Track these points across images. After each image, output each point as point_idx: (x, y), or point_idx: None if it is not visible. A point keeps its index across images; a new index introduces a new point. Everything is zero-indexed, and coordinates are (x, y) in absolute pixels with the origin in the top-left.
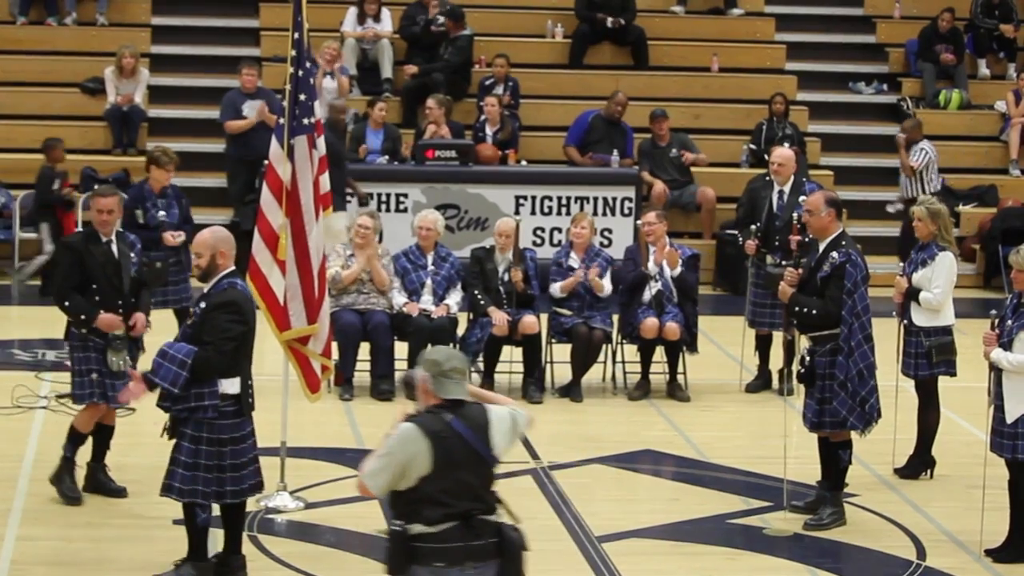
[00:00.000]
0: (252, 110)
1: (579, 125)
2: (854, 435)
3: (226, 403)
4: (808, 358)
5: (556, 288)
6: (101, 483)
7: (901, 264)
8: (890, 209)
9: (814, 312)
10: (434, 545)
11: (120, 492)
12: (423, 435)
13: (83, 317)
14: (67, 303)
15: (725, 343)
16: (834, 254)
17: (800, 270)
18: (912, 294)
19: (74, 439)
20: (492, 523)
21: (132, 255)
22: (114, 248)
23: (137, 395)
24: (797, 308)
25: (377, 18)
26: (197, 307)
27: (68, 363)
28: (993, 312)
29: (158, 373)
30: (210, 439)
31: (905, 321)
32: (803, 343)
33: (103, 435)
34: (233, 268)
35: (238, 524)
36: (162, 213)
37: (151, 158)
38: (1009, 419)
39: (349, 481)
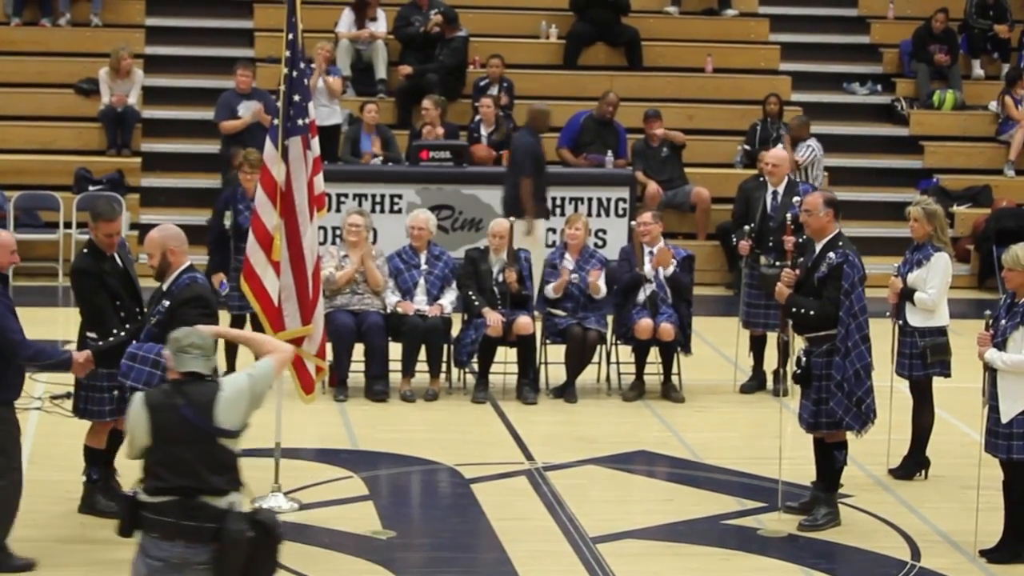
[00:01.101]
0: (247, 111)
1: (571, 127)
2: (849, 435)
3: None
4: (804, 359)
5: (548, 289)
6: (112, 489)
7: (896, 264)
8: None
9: (811, 313)
10: (151, 516)
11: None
12: (143, 406)
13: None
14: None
15: (719, 344)
16: (831, 255)
17: (797, 271)
18: (907, 294)
19: (94, 459)
20: (213, 507)
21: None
22: (117, 258)
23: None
24: (794, 309)
25: (372, 19)
26: (160, 305)
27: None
28: (987, 312)
29: (130, 375)
30: None
31: (900, 321)
32: (799, 344)
33: (112, 441)
34: (189, 263)
35: None
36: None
37: (242, 162)
38: (1004, 419)
39: (344, 482)
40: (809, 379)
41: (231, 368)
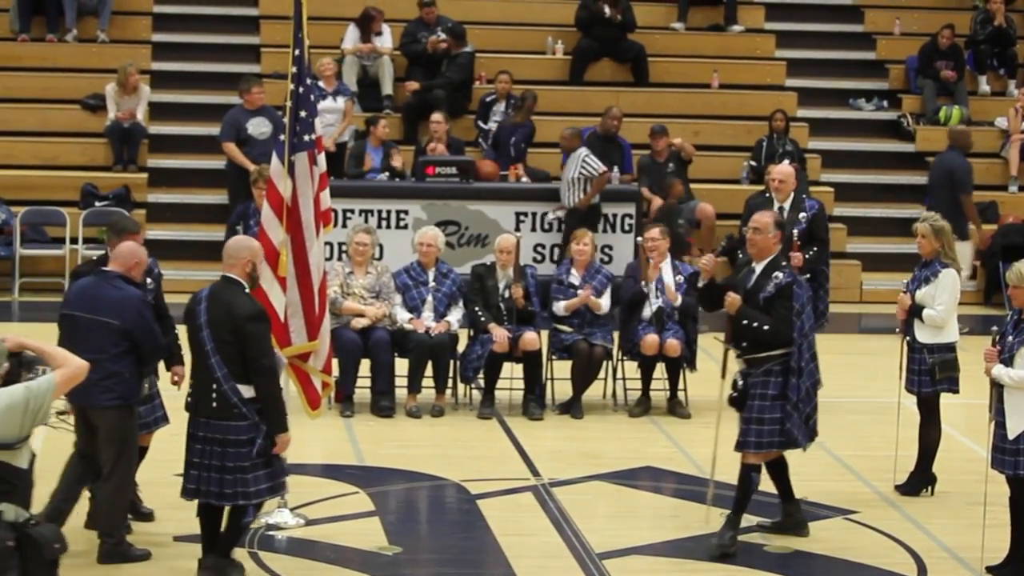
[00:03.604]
0: (256, 128)
1: None
2: (853, 453)
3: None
4: (742, 382)
5: (560, 307)
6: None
7: (903, 281)
8: (551, 217)
9: (765, 328)
10: None
11: (148, 516)
12: None
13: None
14: None
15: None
16: (778, 274)
17: (719, 258)
18: (915, 311)
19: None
20: None
21: (148, 280)
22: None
23: None
24: (746, 321)
25: (378, 34)
26: None
27: None
28: (994, 328)
29: None
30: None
31: (908, 338)
32: (735, 365)
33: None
34: None
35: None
36: None
37: (256, 178)
38: (1011, 435)
39: (350, 498)
40: (745, 401)
41: None
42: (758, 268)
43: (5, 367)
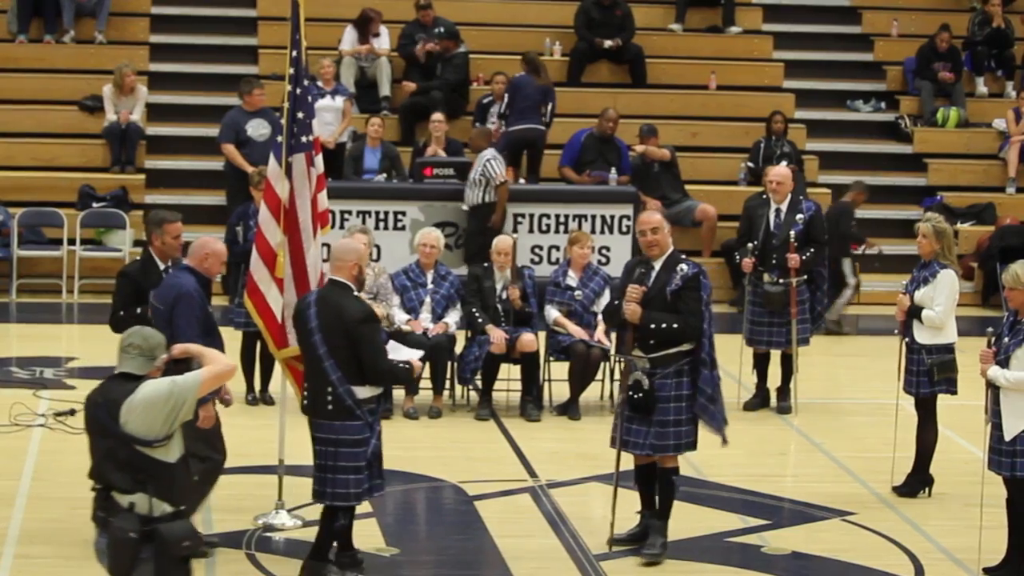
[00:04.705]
0: (255, 130)
1: (572, 145)
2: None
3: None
4: (648, 382)
5: (551, 317)
6: None
7: (903, 282)
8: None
9: (675, 326)
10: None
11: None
12: (87, 399)
13: None
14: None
15: (723, 361)
16: (683, 266)
17: (644, 287)
18: (914, 312)
19: None
20: (116, 503)
21: None
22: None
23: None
24: (654, 326)
25: (375, 35)
26: None
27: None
28: (990, 330)
29: None
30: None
31: (907, 339)
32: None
33: None
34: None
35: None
36: None
37: (257, 180)
38: (1008, 436)
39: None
40: (653, 404)
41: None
42: (657, 264)
43: (164, 359)
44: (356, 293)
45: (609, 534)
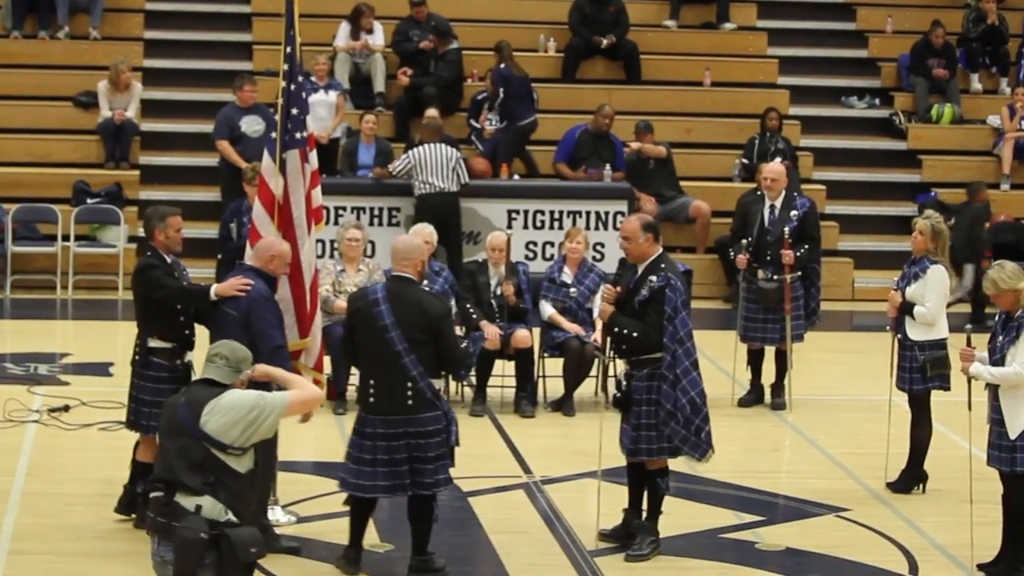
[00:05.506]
0: (250, 126)
1: (567, 142)
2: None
3: None
4: (625, 382)
5: (545, 314)
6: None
7: (895, 278)
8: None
9: (634, 335)
10: (147, 511)
11: None
12: (167, 401)
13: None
14: (183, 290)
15: (717, 357)
16: (652, 278)
17: (618, 288)
18: (906, 308)
19: (143, 473)
20: (181, 506)
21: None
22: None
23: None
24: (616, 329)
25: (369, 31)
26: None
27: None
28: (968, 327)
29: None
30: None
31: (899, 335)
32: (620, 367)
33: None
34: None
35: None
36: None
37: (252, 176)
38: (1012, 434)
39: (341, 496)
40: (629, 404)
41: None
42: (639, 270)
43: (248, 374)
44: (426, 288)
45: (596, 527)
